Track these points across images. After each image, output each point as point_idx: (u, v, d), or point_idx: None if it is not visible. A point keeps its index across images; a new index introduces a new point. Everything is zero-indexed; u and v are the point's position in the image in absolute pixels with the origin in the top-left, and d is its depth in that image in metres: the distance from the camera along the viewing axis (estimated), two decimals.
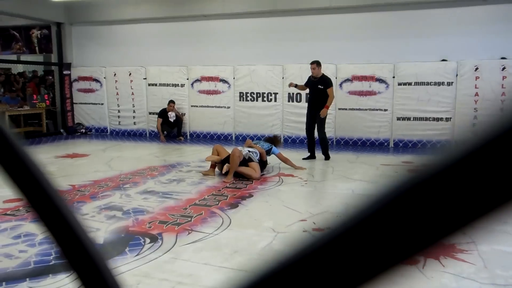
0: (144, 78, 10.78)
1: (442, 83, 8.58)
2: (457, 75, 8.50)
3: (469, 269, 3.03)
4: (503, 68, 8.25)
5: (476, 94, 8.42)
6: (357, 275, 0.26)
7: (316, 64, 7.16)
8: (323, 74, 7.26)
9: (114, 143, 9.83)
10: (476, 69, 8.37)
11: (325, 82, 7.14)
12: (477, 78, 8.39)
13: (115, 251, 3.34)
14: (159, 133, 10.18)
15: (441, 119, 8.67)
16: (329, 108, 7.21)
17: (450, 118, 8.62)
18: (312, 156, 7.45)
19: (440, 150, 0.25)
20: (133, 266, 3.05)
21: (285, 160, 6.60)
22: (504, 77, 8.24)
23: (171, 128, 10.33)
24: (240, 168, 5.84)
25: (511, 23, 8.57)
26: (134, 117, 11.04)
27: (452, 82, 8.53)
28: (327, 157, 7.35)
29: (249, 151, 6.08)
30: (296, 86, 7.53)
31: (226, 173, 5.86)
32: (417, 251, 0.26)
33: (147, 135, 10.88)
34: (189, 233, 3.75)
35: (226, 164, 5.90)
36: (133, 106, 10.99)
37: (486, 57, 8.51)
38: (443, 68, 8.59)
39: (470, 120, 8.50)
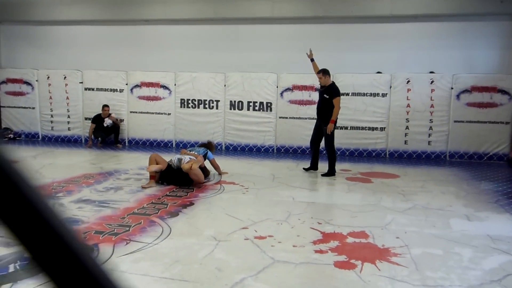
0: (80, 82, 10.34)
1: (377, 94, 8.98)
2: (391, 87, 8.94)
3: (402, 272, 3.17)
4: (432, 82, 8.80)
5: (408, 106, 8.90)
6: None
7: (323, 72, 6.84)
8: (332, 83, 6.94)
9: (46, 149, 9.32)
10: (408, 81, 8.86)
11: (331, 91, 6.74)
12: (408, 90, 8.88)
13: None
14: (88, 138, 9.87)
15: (376, 128, 9.07)
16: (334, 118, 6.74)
17: (384, 128, 9.03)
18: (312, 168, 7.16)
19: None
20: None
21: (216, 167, 6.68)
22: (432, 90, 8.79)
23: (106, 134, 9.95)
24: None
25: (439, 39, 9.17)
26: (68, 122, 10.54)
27: (386, 94, 8.96)
28: (329, 173, 6.87)
29: (190, 158, 6.00)
30: (312, 60, 7.12)
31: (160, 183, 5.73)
32: None
33: (83, 141, 10.41)
34: (127, 243, 3.62)
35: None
36: (68, 111, 10.49)
37: (417, 70, 9.04)
38: (378, 80, 9.01)
39: (402, 130, 8.97)
